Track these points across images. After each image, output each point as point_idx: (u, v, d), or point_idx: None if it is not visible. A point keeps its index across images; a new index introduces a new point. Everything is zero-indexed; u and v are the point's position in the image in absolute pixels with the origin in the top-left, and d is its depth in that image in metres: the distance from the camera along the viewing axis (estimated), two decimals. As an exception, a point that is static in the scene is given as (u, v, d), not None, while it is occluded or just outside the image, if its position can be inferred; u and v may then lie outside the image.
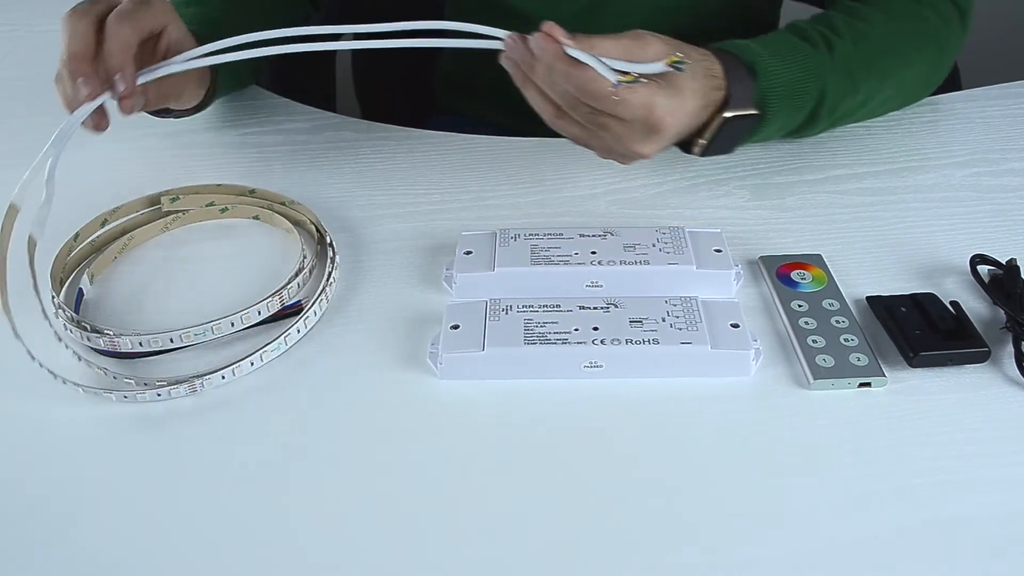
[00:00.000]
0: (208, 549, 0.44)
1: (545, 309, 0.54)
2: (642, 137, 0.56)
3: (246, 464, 0.48)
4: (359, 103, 1.06)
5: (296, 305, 0.57)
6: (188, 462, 0.49)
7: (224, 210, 0.66)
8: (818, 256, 0.60)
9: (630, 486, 0.47)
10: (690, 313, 0.53)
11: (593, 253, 0.58)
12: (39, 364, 0.51)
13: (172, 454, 0.49)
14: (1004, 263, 0.57)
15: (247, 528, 0.45)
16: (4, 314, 0.51)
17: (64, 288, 0.60)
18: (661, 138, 0.56)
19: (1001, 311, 0.55)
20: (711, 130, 0.60)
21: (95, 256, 0.62)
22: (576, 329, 0.52)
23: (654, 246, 0.58)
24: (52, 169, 0.53)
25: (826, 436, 0.49)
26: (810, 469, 0.47)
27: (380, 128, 0.76)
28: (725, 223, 0.63)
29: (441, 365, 0.52)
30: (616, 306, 0.54)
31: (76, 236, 0.61)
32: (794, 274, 0.58)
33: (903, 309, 0.55)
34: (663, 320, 0.53)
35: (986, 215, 0.64)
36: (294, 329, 0.54)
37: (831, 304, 0.56)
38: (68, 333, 0.55)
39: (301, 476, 0.48)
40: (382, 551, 0.44)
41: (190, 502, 0.47)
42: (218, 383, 0.52)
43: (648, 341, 0.51)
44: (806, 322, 0.55)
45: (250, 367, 0.53)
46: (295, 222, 0.64)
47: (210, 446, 0.49)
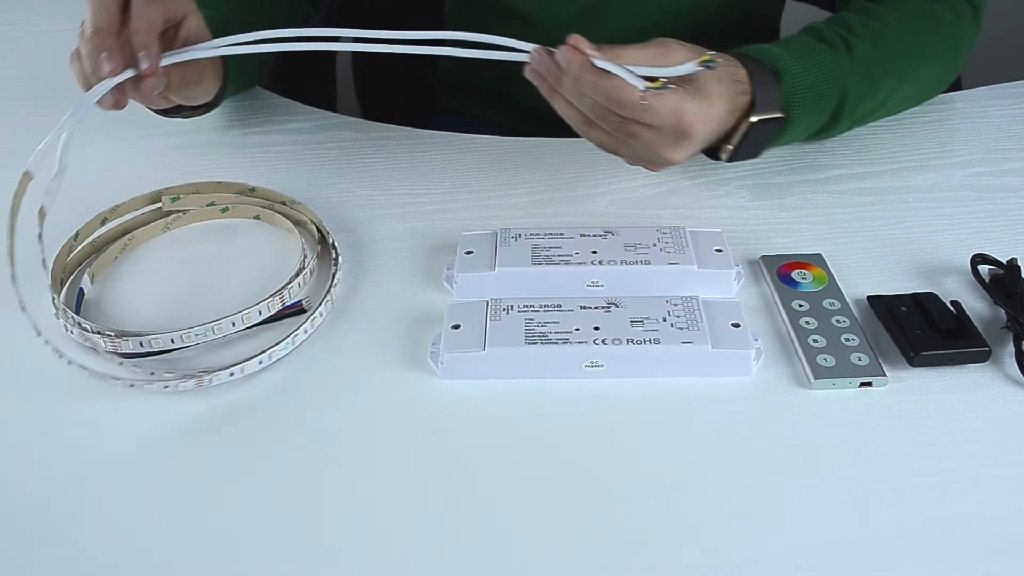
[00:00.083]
0: (209, 549, 0.44)
1: (546, 309, 0.54)
2: (672, 144, 0.56)
3: (247, 463, 0.48)
4: (359, 103, 1.06)
5: (297, 305, 0.57)
6: (188, 462, 0.49)
7: (225, 210, 0.66)
8: (819, 256, 0.60)
9: (631, 486, 0.47)
10: (691, 313, 0.53)
11: (594, 253, 0.58)
12: (45, 341, 0.51)
13: (173, 454, 0.49)
14: (1005, 263, 0.57)
15: (248, 527, 0.45)
16: (12, 285, 0.51)
17: (64, 289, 0.60)
18: (690, 144, 0.57)
19: (1002, 311, 0.55)
20: (738, 135, 0.60)
21: (96, 256, 0.62)
22: (577, 329, 0.52)
23: (655, 246, 0.58)
24: (67, 142, 0.53)
25: (827, 436, 0.49)
26: (811, 469, 0.47)
27: (380, 128, 0.76)
28: (726, 223, 0.63)
29: (442, 365, 0.52)
30: (617, 306, 0.54)
31: (76, 236, 0.61)
32: (795, 274, 0.58)
33: (904, 309, 0.55)
34: (664, 320, 0.53)
35: (987, 215, 0.64)
36: (301, 329, 0.54)
37: (832, 304, 0.56)
38: (69, 335, 0.55)
39: (302, 476, 0.48)
40: (382, 550, 0.44)
41: (191, 501, 0.46)
42: (226, 379, 0.52)
43: (649, 341, 0.51)
44: (807, 322, 0.55)
45: (258, 365, 0.53)
46: (296, 222, 0.64)
47: (211, 446, 0.49)
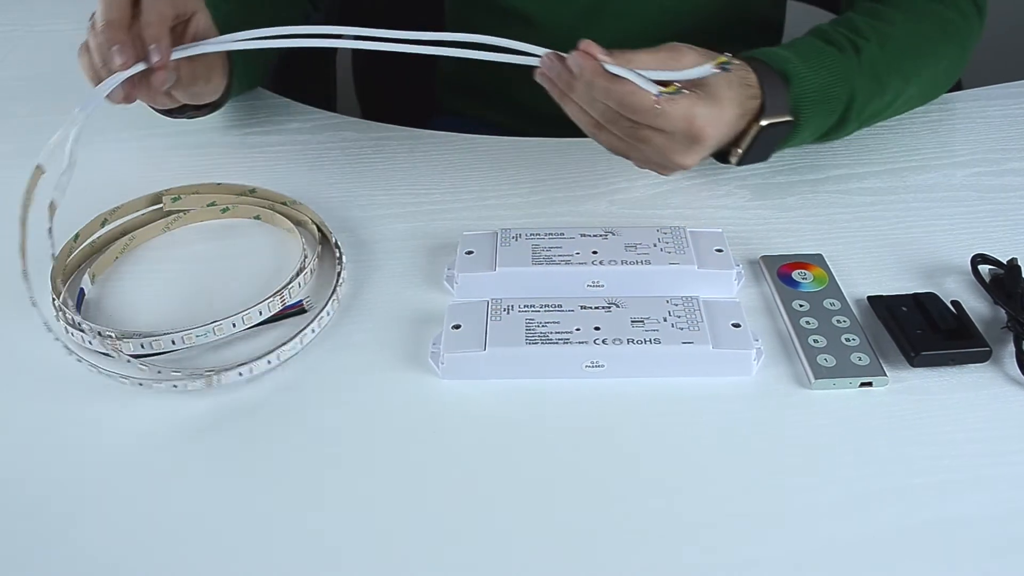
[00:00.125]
0: (209, 548, 0.44)
1: (546, 309, 0.54)
2: (683, 148, 0.56)
3: (248, 463, 0.48)
4: (359, 103, 1.05)
5: (297, 305, 0.57)
6: (190, 461, 0.49)
7: (225, 210, 0.66)
8: (819, 256, 0.60)
9: (631, 486, 0.47)
10: (691, 313, 0.53)
11: (594, 253, 0.58)
12: (55, 338, 0.52)
13: (174, 453, 0.49)
14: (1005, 263, 0.57)
15: (248, 527, 0.45)
16: (24, 281, 0.51)
17: (65, 289, 0.60)
18: (702, 148, 0.57)
19: (1002, 311, 0.55)
20: (748, 139, 0.60)
21: (96, 256, 0.62)
22: (577, 329, 0.52)
23: (655, 246, 0.58)
24: (77, 136, 0.53)
25: (827, 436, 0.49)
26: (811, 469, 0.47)
27: (380, 128, 0.76)
28: (726, 223, 0.63)
29: (443, 365, 0.52)
30: (617, 306, 0.54)
31: (76, 236, 0.61)
32: (795, 274, 0.58)
33: (904, 309, 0.55)
34: (664, 320, 0.53)
35: (987, 215, 0.64)
36: (309, 329, 0.54)
37: (832, 304, 0.56)
38: (69, 336, 0.55)
39: (302, 476, 0.48)
40: (382, 549, 0.44)
41: (191, 501, 0.47)
42: (235, 379, 0.52)
43: (649, 341, 0.51)
44: (807, 322, 0.55)
45: (267, 365, 0.53)
46: (296, 222, 0.64)
47: (213, 445, 0.49)
